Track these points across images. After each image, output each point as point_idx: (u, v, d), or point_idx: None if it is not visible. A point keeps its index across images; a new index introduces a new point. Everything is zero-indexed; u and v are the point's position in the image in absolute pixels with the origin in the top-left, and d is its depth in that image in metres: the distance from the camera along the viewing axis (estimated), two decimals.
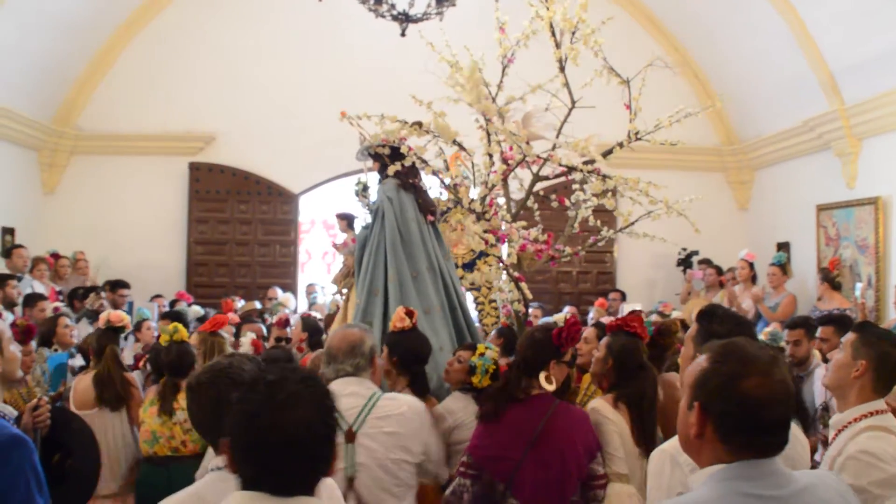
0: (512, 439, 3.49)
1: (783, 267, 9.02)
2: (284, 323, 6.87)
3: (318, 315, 7.81)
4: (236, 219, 11.64)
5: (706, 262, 10.44)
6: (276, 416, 1.82)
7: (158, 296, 10.16)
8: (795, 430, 2.87)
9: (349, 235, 7.16)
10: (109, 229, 11.32)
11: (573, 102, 5.59)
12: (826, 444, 3.37)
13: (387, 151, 5.41)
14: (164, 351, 4.89)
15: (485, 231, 5.72)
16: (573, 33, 5.46)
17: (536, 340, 3.69)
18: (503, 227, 5.85)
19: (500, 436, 3.51)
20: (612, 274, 11.72)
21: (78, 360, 6.27)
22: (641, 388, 3.84)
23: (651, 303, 10.56)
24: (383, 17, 6.48)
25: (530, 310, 9.48)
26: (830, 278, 8.42)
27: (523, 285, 5.63)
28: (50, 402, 3.42)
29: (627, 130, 5.65)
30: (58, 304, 7.19)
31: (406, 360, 4.36)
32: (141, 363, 6.17)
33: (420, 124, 5.44)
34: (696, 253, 10.82)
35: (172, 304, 9.85)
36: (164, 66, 11.52)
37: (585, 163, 5.66)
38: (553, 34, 5.55)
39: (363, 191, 6.22)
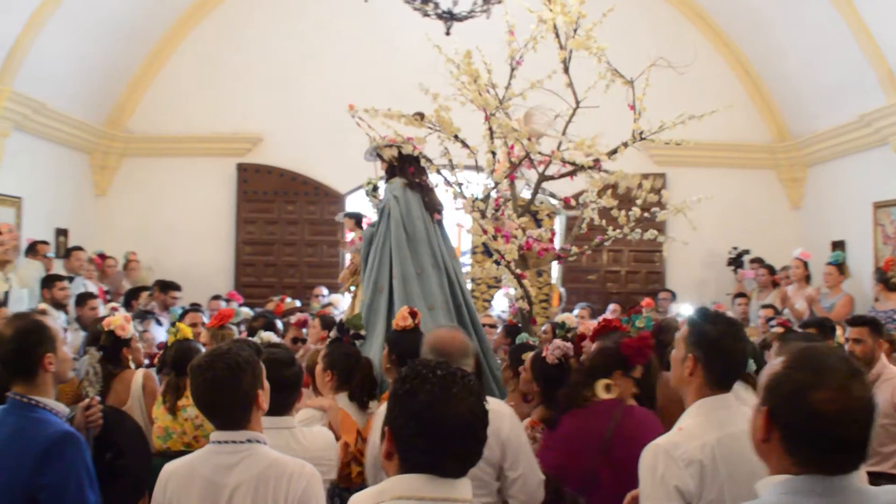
0: (581, 446, 3.47)
1: (840, 266, 8.77)
2: (302, 324, 6.87)
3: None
4: (284, 219, 11.72)
5: (758, 262, 10.24)
6: (451, 407, 1.98)
7: (217, 297, 10.18)
8: None
9: (356, 234, 7.19)
10: (159, 230, 11.49)
11: (577, 102, 5.54)
12: None
13: (394, 152, 5.46)
14: (169, 349, 4.92)
15: (491, 228, 5.71)
16: (575, 31, 5.40)
17: (605, 348, 3.70)
18: (505, 225, 5.80)
19: (567, 443, 3.51)
20: (662, 273, 11.56)
21: None
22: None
23: (702, 303, 10.36)
24: (428, 16, 6.44)
25: (577, 310, 9.41)
26: (885, 279, 8.17)
27: (526, 282, 5.58)
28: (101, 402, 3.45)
29: (632, 130, 5.57)
30: (115, 304, 7.25)
31: (405, 359, 4.33)
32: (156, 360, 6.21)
33: (421, 115, 5.51)
34: (747, 252, 10.64)
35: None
36: (212, 68, 11.66)
37: (595, 160, 5.59)
38: (557, 35, 5.50)
39: (373, 190, 6.27)
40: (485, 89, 5.63)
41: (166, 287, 9.40)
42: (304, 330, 6.84)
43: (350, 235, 7.65)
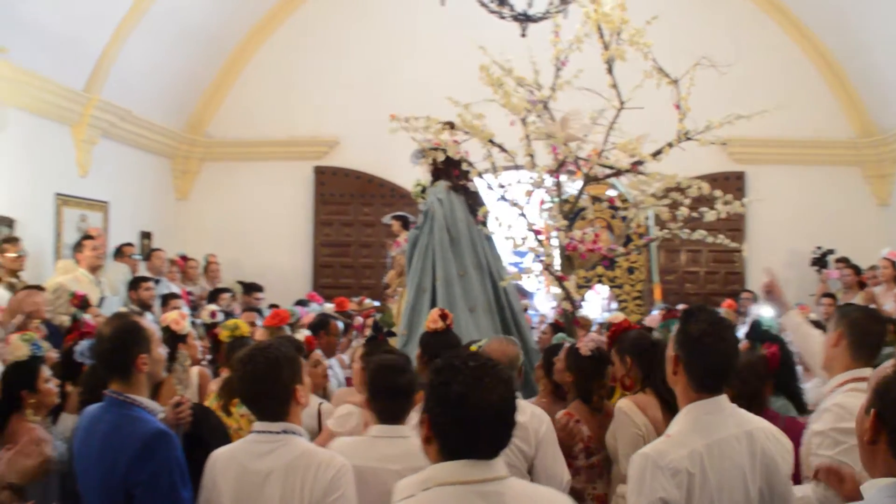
0: None
1: None
2: (359, 327, 6.97)
3: None
4: (360, 221, 11.84)
5: (843, 261, 9.93)
6: (483, 395, 2.09)
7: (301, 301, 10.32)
8: None
9: (402, 236, 7.22)
10: (239, 233, 11.74)
11: (622, 103, 5.45)
12: None
13: (440, 157, 5.52)
14: (227, 347, 5.00)
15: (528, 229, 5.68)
16: (618, 34, 5.32)
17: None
18: (541, 225, 5.75)
19: None
20: (742, 274, 11.32)
21: None
22: (660, 372, 3.72)
23: (784, 304, 10.12)
24: (504, 18, 6.44)
25: (655, 311, 9.27)
26: None
27: (567, 283, 5.52)
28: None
29: (676, 130, 5.44)
30: (215, 308, 7.42)
31: (436, 359, 4.35)
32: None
33: (451, 124, 5.54)
34: (832, 251, 10.34)
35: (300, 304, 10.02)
36: (288, 74, 11.87)
37: (635, 163, 5.47)
38: (601, 35, 5.41)
39: (422, 192, 6.29)
40: (514, 93, 5.57)
41: (249, 289, 9.60)
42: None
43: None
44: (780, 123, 10.64)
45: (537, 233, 5.61)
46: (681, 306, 9.79)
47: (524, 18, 6.16)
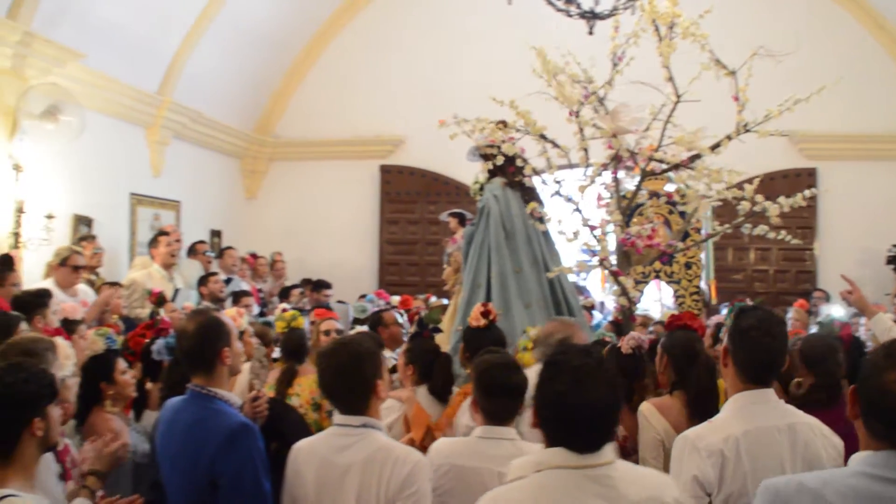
0: None
1: None
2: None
3: None
4: (426, 219, 11.92)
5: None
6: (582, 395, 2.18)
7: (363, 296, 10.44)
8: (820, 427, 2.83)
9: (459, 233, 7.24)
10: (306, 231, 11.93)
11: (678, 96, 5.34)
12: None
13: (495, 152, 5.48)
14: (283, 338, 5.09)
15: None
16: (671, 27, 5.20)
17: None
18: (598, 219, 5.66)
19: None
20: (813, 273, 11.07)
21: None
22: (693, 378, 3.75)
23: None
24: (571, 16, 6.40)
25: (723, 311, 9.14)
26: None
27: (623, 279, 5.44)
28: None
29: (736, 122, 5.30)
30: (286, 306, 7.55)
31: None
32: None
33: (504, 123, 5.49)
34: None
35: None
36: (354, 73, 12.00)
37: (692, 157, 5.35)
38: (656, 29, 5.31)
39: (480, 190, 6.30)
40: (570, 84, 5.50)
41: (319, 286, 9.73)
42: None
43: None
44: (853, 118, 10.41)
45: (592, 228, 5.56)
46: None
47: (591, 16, 6.12)
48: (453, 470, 3.07)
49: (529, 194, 5.74)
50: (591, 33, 6.19)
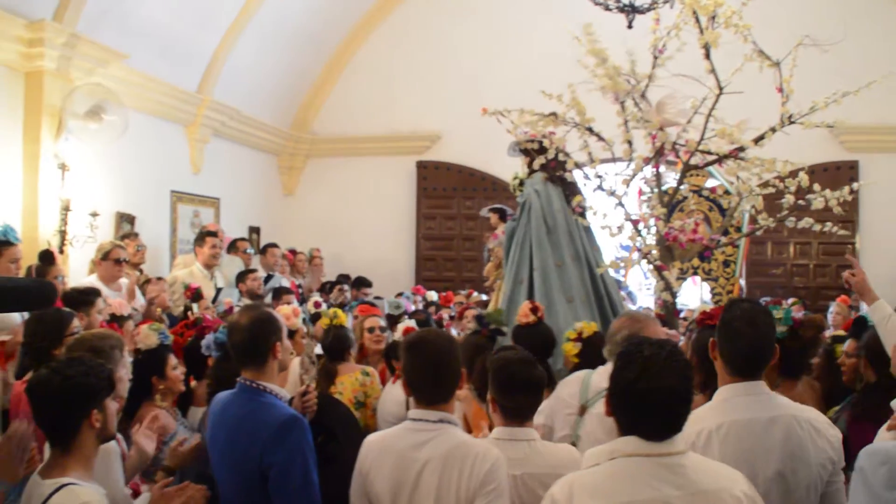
0: None
1: None
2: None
3: None
4: (462, 215, 11.94)
5: None
6: (651, 383, 2.25)
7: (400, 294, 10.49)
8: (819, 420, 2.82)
9: (500, 228, 7.21)
10: (343, 227, 12.02)
11: (720, 88, 5.27)
12: None
13: (535, 147, 5.47)
14: (324, 335, 5.11)
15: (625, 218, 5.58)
16: (712, 18, 5.13)
17: None
18: (637, 214, 5.63)
19: None
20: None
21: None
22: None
23: None
24: (610, 9, 6.39)
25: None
26: None
27: (667, 274, 5.40)
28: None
29: (780, 114, 5.22)
30: (318, 299, 7.62)
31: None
32: None
33: (555, 115, 5.44)
34: None
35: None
36: (389, 70, 12.07)
37: (736, 150, 5.28)
38: (697, 21, 5.25)
39: (520, 185, 6.28)
40: (617, 73, 5.45)
41: (359, 283, 9.81)
42: None
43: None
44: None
45: (635, 223, 5.53)
46: (791, 300, 9.56)
47: (630, 9, 6.10)
48: None
49: (570, 189, 5.73)
50: (630, 27, 6.17)
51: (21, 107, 7.11)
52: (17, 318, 4.78)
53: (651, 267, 5.61)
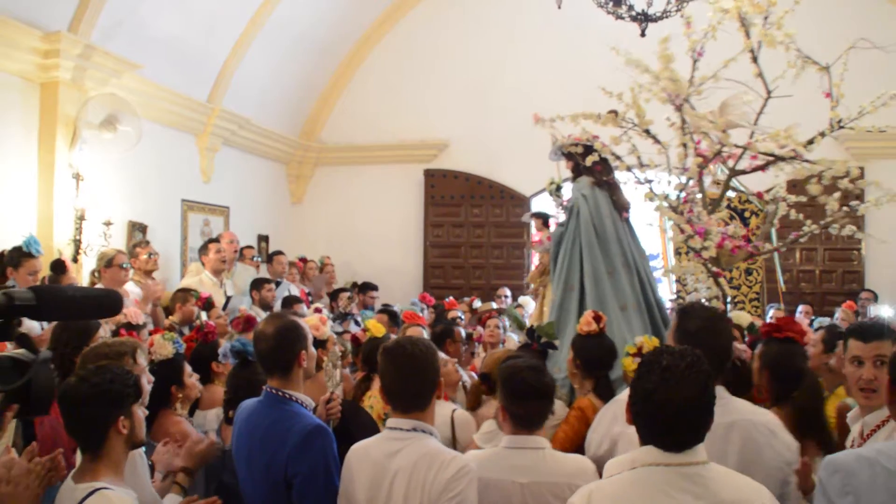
0: None
1: None
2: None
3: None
4: (470, 222, 11.98)
5: None
6: (669, 393, 2.25)
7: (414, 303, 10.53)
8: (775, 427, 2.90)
9: (544, 234, 7.18)
10: (351, 235, 12.11)
11: (768, 92, 5.25)
12: None
13: (579, 150, 5.37)
14: (363, 346, 5.14)
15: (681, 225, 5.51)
16: (766, 18, 5.09)
17: None
18: (701, 221, 5.59)
19: None
20: (861, 273, 10.92)
21: None
22: (799, 400, 3.66)
23: None
24: (622, 18, 6.41)
25: (771, 311, 9.08)
26: None
27: (722, 281, 5.38)
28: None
29: (829, 118, 5.20)
30: (319, 306, 7.67)
31: (590, 365, 4.28)
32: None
33: (615, 112, 5.31)
34: None
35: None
36: (398, 79, 12.14)
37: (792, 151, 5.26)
38: (742, 24, 5.22)
39: (556, 190, 6.24)
40: (668, 78, 5.39)
41: (365, 287, 9.86)
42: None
43: (538, 236, 7.68)
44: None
45: (700, 231, 5.44)
46: (801, 307, 9.57)
47: (643, 18, 6.13)
48: (479, 483, 2.90)
49: (616, 193, 5.65)
50: (643, 35, 6.18)
51: (37, 117, 7.19)
52: (36, 326, 4.84)
53: (708, 274, 5.55)
